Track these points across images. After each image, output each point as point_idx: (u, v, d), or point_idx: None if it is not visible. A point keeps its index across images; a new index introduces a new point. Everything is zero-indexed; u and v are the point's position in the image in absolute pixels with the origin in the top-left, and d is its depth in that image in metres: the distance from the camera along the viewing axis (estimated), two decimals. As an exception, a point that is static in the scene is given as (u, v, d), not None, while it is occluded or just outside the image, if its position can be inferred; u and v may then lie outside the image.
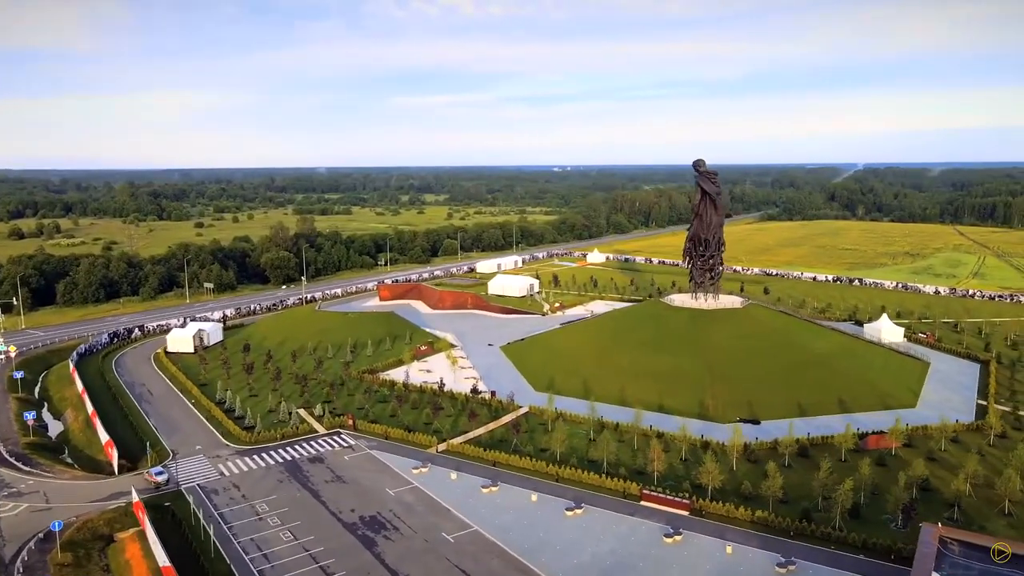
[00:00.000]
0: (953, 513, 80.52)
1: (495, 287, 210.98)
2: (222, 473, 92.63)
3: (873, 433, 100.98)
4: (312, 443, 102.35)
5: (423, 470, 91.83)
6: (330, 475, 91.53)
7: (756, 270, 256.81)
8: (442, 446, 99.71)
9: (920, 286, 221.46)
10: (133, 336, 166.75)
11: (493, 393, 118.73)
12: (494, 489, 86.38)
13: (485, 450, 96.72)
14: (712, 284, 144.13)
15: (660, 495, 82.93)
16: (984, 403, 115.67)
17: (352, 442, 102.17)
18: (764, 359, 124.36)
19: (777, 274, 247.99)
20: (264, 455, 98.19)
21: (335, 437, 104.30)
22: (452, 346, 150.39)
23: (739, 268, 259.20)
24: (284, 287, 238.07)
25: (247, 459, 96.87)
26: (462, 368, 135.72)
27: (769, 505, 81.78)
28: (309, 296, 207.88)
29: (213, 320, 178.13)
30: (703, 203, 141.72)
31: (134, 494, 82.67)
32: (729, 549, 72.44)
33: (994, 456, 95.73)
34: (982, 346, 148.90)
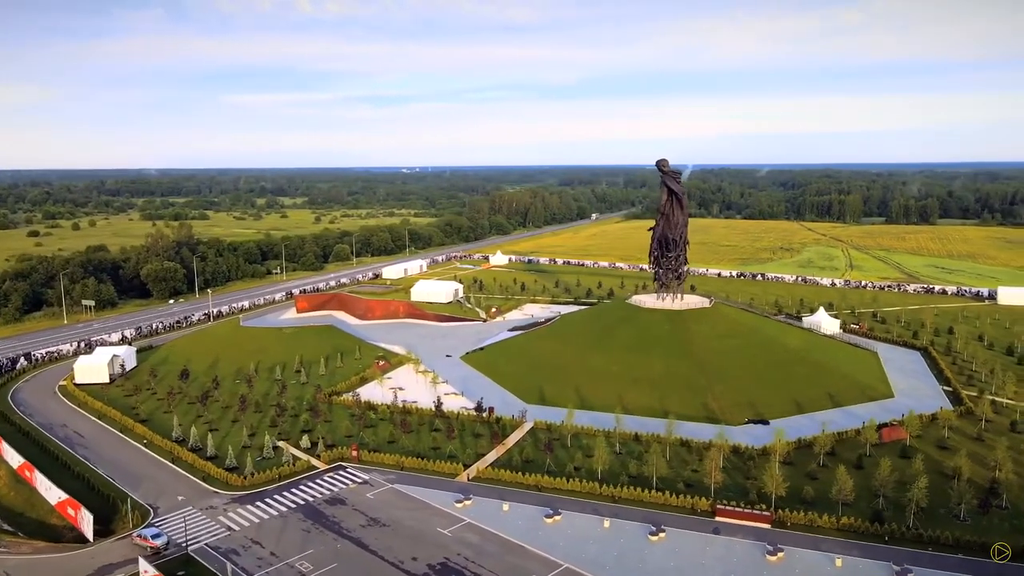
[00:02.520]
0: (1003, 501, 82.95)
1: (419, 294, 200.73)
2: (229, 528, 78.31)
3: (885, 425, 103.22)
4: (318, 481, 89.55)
5: (467, 503, 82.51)
6: (363, 518, 79.96)
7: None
8: (470, 473, 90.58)
9: (818, 279, 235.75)
10: (19, 367, 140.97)
11: (491, 410, 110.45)
12: (558, 519, 78.96)
13: (523, 474, 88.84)
14: (679, 284, 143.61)
15: (738, 509, 79.28)
16: (949, 389, 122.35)
17: (364, 476, 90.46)
18: (751, 358, 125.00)
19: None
20: (268, 501, 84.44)
21: (341, 472, 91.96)
22: (411, 359, 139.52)
23: (646, 267, 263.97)
24: (172, 301, 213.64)
25: (250, 507, 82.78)
26: (431, 382, 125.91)
27: (839, 509, 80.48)
28: (215, 311, 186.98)
29: (111, 343, 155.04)
30: (669, 203, 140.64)
31: (142, 565, 67.41)
32: (839, 562, 69.87)
33: (993, 440, 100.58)
34: (910, 334, 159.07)
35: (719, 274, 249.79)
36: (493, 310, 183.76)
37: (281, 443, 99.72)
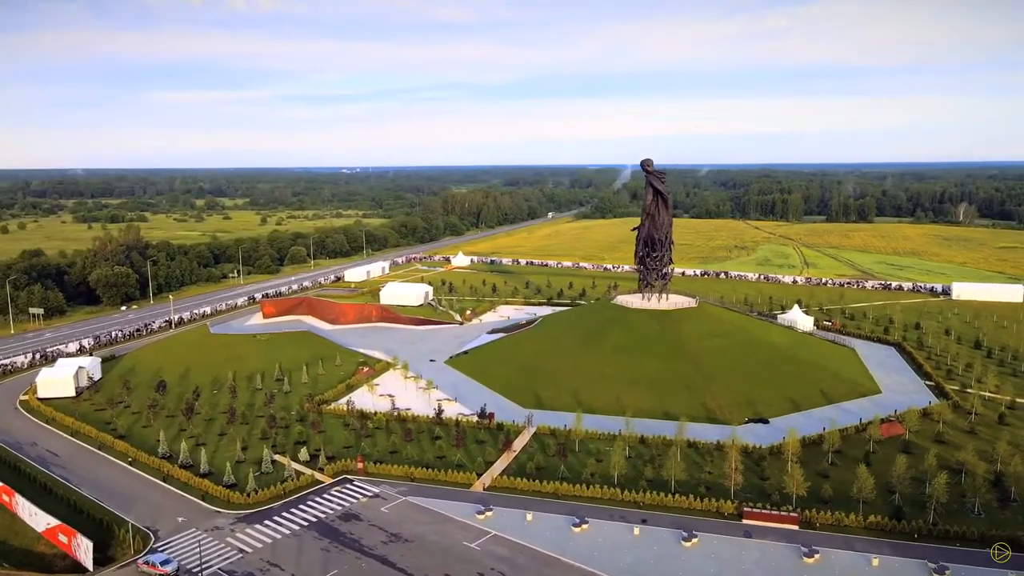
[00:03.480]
0: (1011, 494, 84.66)
1: (388, 297, 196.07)
2: (241, 550, 73.71)
3: (883, 421, 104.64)
4: (325, 496, 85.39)
5: (489, 514, 79.79)
6: (383, 534, 76.38)
7: (627, 267, 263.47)
8: (485, 482, 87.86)
9: (780, 277, 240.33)
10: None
11: (492, 415, 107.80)
12: (585, 527, 77.03)
13: (540, 482, 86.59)
14: (664, 284, 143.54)
15: (765, 512, 78.79)
16: (931, 383, 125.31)
17: (374, 489, 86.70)
18: (742, 357, 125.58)
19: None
20: (277, 519, 79.97)
21: (348, 486, 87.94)
22: (393, 365, 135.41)
23: (610, 266, 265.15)
24: (124, 307, 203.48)
25: (259, 527, 78.21)
26: (423, 388, 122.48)
27: (859, 507, 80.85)
28: (176, 317, 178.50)
29: (70, 353, 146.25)
30: (655, 203, 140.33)
31: (159, 596, 62.62)
32: (876, 562, 69.92)
33: (986, 434, 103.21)
34: (881, 330, 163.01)
35: (683, 273, 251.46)
36: (468, 312, 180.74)
37: (279, 457, 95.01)
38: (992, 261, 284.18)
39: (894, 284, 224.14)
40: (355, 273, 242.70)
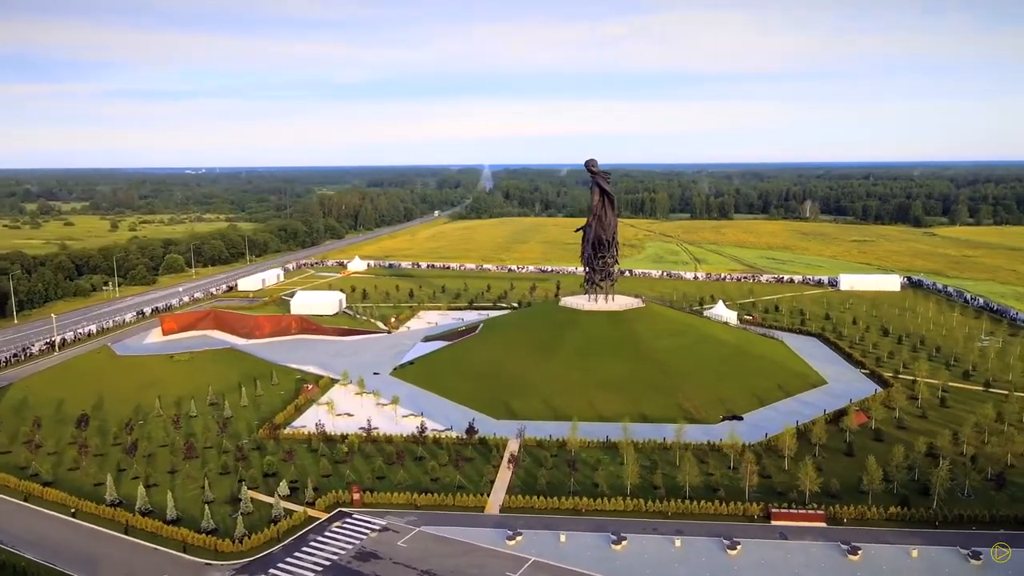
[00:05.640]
0: (988, 474, 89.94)
1: (300, 307, 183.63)
2: (257, 607, 64.13)
3: (851, 411, 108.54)
4: (328, 534, 76.50)
5: (519, 539, 74.46)
6: (413, 573, 69.09)
7: (531, 268, 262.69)
8: (496, 503, 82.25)
9: (682, 273, 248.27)
10: None
11: (472, 430, 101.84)
12: (625, 544, 73.60)
13: (557, 499, 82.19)
14: (611, 285, 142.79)
15: (792, 511, 78.81)
16: (866, 372, 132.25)
17: (380, 522, 78.76)
18: (700, 355, 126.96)
19: (552, 271, 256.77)
20: (283, 566, 70.50)
21: (348, 521, 79.40)
22: (344, 381, 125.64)
23: (513, 267, 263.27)
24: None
25: (265, 578, 68.57)
26: (381, 405, 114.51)
27: (869, 498, 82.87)
28: (59, 338, 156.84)
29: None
30: (602, 203, 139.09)
31: None
32: (915, 553, 71.41)
33: (937, 416, 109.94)
34: (797, 322, 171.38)
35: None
36: (393, 320, 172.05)
37: (254, 493, 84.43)
38: (855, 253, 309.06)
39: (786, 277, 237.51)
40: (250, 282, 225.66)
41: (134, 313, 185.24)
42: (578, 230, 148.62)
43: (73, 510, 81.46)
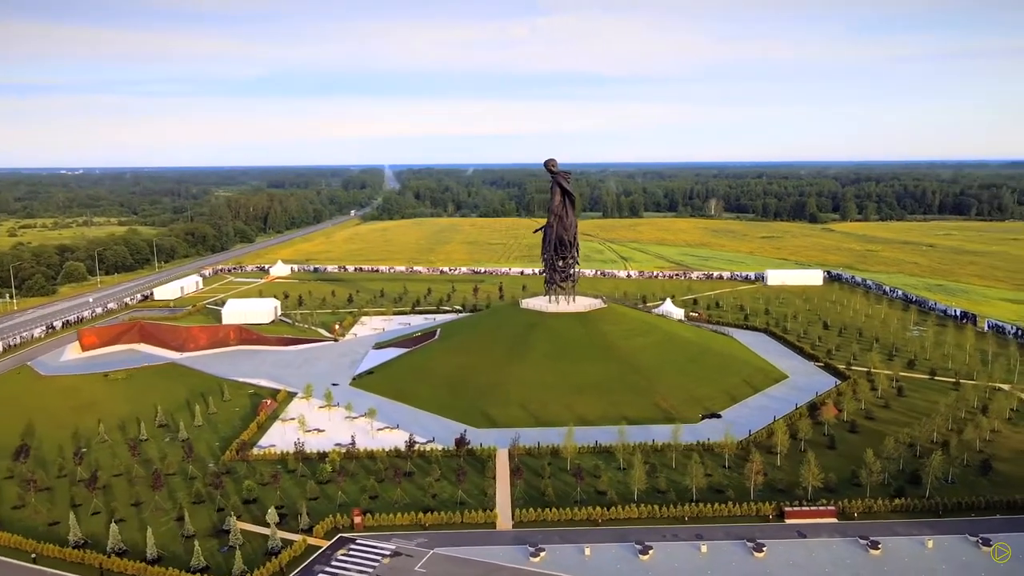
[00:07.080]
0: (964, 459, 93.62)
1: (233, 315, 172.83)
2: (278, 653, 57.91)
3: (822, 404, 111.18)
4: (336, 563, 70.62)
5: (543, 555, 71.11)
6: (441, 601, 64.56)
7: (453, 269, 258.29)
8: (506, 517, 78.51)
9: (615, 272, 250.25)
10: None
11: (463, 442, 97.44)
12: (652, 553, 71.52)
13: (570, 510, 79.27)
14: (572, 285, 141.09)
15: (804, 508, 79.00)
16: (820, 365, 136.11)
17: (390, 546, 73.46)
18: (668, 354, 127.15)
19: (486, 272, 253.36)
20: (295, 604, 64.35)
21: (353, 547, 73.65)
22: (307, 395, 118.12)
23: (445, 269, 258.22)
24: None
25: (279, 618, 62.24)
26: (353, 418, 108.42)
27: (867, 491, 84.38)
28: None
29: None
30: (563, 203, 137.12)
31: None
32: (930, 543, 72.81)
33: (899, 406, 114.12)
34: (741, 317, 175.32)
35: (521, 272, 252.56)
36: (337, 327, 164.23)
37: (242, 523, 77.17)
38: (768, 249, 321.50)
39: (715, 274, 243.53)
40: (167, 290, 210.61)
41: (43, 327, 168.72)
42: (537, 231, 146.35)
43: (33, 555, 71.80)
